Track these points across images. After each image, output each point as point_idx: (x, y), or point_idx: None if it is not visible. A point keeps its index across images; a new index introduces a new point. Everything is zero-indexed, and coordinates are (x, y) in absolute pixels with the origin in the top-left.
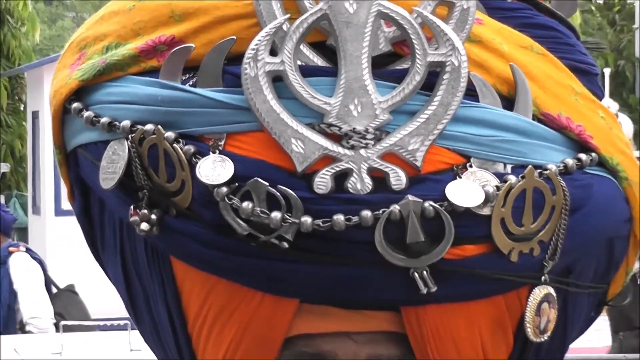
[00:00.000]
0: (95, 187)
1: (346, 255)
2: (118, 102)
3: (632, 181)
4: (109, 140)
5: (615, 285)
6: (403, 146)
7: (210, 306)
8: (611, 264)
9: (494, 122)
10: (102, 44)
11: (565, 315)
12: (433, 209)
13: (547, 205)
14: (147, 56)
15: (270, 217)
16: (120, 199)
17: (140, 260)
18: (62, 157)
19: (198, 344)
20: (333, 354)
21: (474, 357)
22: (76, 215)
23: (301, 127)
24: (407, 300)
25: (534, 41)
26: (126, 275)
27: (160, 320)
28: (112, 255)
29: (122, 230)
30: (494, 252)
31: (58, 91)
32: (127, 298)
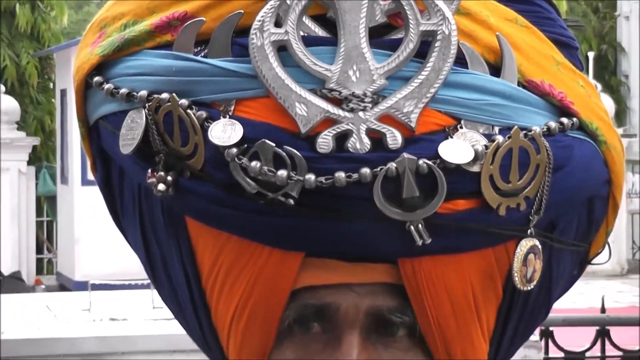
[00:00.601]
0: (115, 155)
1: (347, 210)
2: (135, 74)
3: (611, 145)
4: (127, 110)
5: (596, 245)
6: (398, 109)
7: (222, 262)
8: (592, 223)
9: (482, 87)
10: (120, 22)
11: (550, 271)
12: (427, 166)
13: (532, 163)
14: (161, 31)
15: (277, 175)
16: (138, 164)
17: (157, 222)
18: (84, 130)
19: (211, 298)
20: (336, 305)
21: (466, 307)
22: (98, 185)
23: (304, 92)
24: (404, 252)
25: (518, 14)
26: (144, 239)
27: (177, 278)
28: (131, 220)
29: (140, 195)
30: (484, 207)
31: (80, 67)
32: (145, 260)
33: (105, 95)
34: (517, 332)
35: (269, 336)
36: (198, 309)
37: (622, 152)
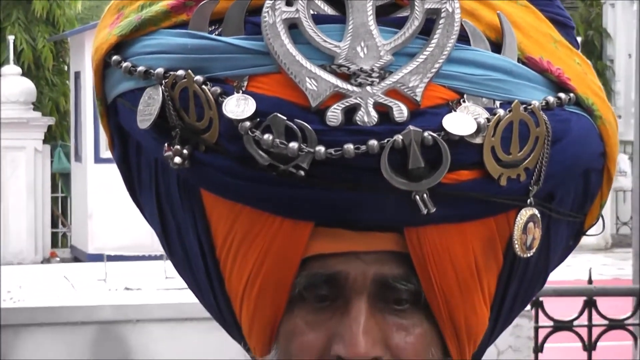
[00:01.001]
0: (133, 131)
1: (355, 181)
2: (152, 52)
3: (606, 120)
4: (144, 87)
5: (591, 217)
6: (404, 83)
7: (236, 232)
8: (587, 194)
9: (484, 63)
10: (137, 3)
11: (547, 241)
12: (432, 138)
13: (532, 135)
14: (177, 11)
15: (288, 147)
16: (155, 138)
17: (173, 195)
18: (103, 108)
19: (225, 267)
20: (345, 273)
21: (469, 275)
22: (115, 161)
23: (314, 68)
24: (409, 221)
25: None
26: (160, 211)
27: (191, 249)
28: (147, 194)
29: (156, 169)
30: (486, 177)
31: (99, 47)
32: (160, 232)
33: (124, 73)
34: (517, 299)
35: (280, 303)
36: (212, 278)
37: (616, 127)
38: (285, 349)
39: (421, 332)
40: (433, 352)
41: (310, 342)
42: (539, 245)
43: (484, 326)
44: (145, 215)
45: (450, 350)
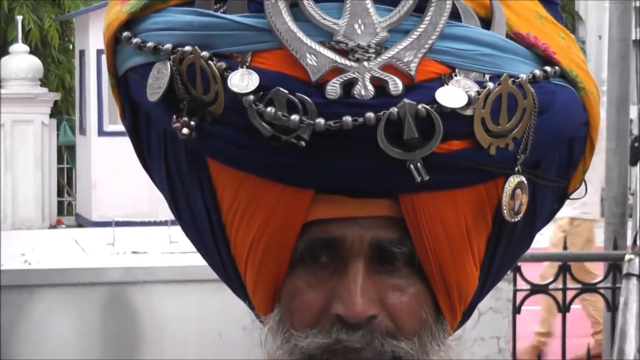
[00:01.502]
0: (142, 103)
1: (353, 151)
2: (161, 29)
3: (589, 91)
4: (154, 62)
5: (574, 182)
6: (399, 58)
7: (241, 198)
8: (571, 161)
9: (474, 39)
10: None
11: (533, 205)
12: (425, 110)
13: (520, 107)
14: None
15: (290, 119)
16: (164, 110)
17: (181, 164)
18: (114, 81)
19: (231, 231)
20: (343, 237)
21: (460, 238)
22: (126, 130)
23: (314, 44)
24: (404, 188)
25: None
26: (169, 178)
27: (199, 214)
28: (157, 162)
29: (165, 139)
30: (476, 147)
31: (110, 24)
32: (169, 197)
33: (134, 49)
34: (504, 260)
35: (282, 265)
36: (218, 241)
37: (598, 97)
38: (287, 307)
39: (415, 292)
40: (426, 311)
41: (311, 301)
42: (526, 209)
43: (474, 286)
44: (154, 181)
45: (443, 308)
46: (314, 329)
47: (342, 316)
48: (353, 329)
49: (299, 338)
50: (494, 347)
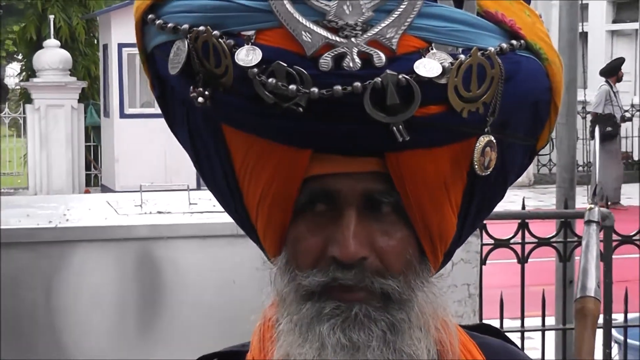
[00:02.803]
0: (166, 77)
1: (344, 115)
2: (179, 12)
3: (551, 61)
4: (174, 40)
5: (541, 140)
6: (382, 35)
7: (250, 157)
8: (537, 122)
9: (448, 17)
10: None
11: (504, 161)
12: (405, 79)
13: (488, 76)
14: None
15: (289, 89)
16: (183, 82)
17: (200, 128)
18: (143, 57)
19: (243, 186)
20: (338, 189)
21: (438, 189)
22: (155, 99)
23: (309, 23)
24: (389, 147)
25: None
26: (191, 140)
27: (216, 171)
28: (181, 127)
29: (187, 107)
30: (450, 111)
31: (138, 7)
32: (193, 155)
33: (157, 29)
34: (481, 209)
35: (287, 215)
36: (234, 194)
37: (560, 66)
38: (292, 251)
39: (401, 236)
40: (410, 253)
41: (311, 245)
42: (497, 165)
43: (453, 231)
44: (180, 142)
45: (426, 250)
46: (314, 269)
47: (337, 257)
48: (347, 268)
49: (301, 277)
50: (464, 292)
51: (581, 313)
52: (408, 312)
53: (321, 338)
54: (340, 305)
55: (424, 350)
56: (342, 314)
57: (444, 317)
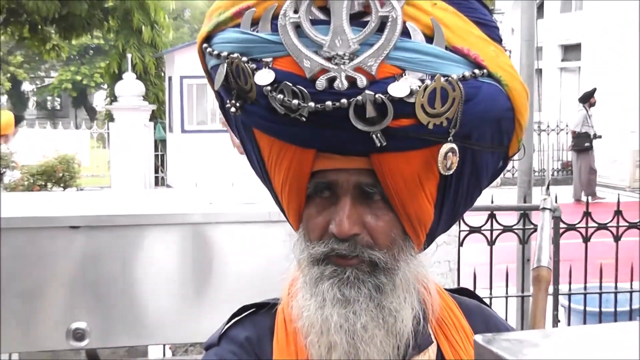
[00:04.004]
0: (218, 91)
1: (335, 124)
2: (222, 42)
3: (512, 87)
4: (219, 64)
5: (512, 148)
6: (365, 63)
7: (272, 154)
8: (502, 134)
9: (419, 50)
10: (218, 11)
11: (474, 163)
12: (380, 98)
13: (450, 97)
14: (237, 17)
15: (292, 102)
16: (224, 95)
17: (240, 129)
18: (207, 76)
19: (271, 175)
20: (336, 181)
21: (414, 184)
22: (219, 107)
23: (309, 53)
24: (372, 150)
25: (447, 4)
26: (239, 137)
27: (255, 164)
28: (233, 129)
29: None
30: (418, 123)
31: (200, 37)
32: (243, 148)
33: (208, 55)
34: (457, 201)
35: (301, 199)
36: (267, 183)
37: (523, 91)
38: (305, 227)
39: (387, 219)
40: (395, 232)
41: (318, 223)
42: (469, 167)
43: (430, 217)
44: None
45: (408, 231)
46: (319, 242)
47: (335, 233)
48: (342, 241)
49: (311, 248)
50: (446, 267)
51: (537, 279)
52: (392, 278)
53: (323, 293)
54: (337, 269)
55: (408, 307)
56: (338, 275)
57: (426, 283)
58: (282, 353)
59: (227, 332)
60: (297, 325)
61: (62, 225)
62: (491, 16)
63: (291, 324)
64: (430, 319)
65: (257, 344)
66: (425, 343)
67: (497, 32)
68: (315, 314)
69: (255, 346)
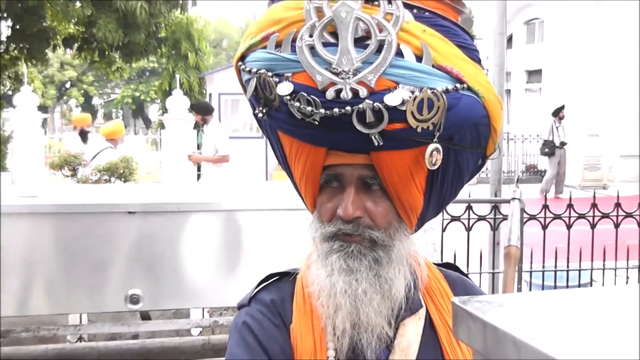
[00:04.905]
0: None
1: (341, 127)
2: (253, 60)
3: (487, 98)
4: (250, 78)
5: (489, 149)
6: (365, 78)
7: (292, 151)
8: (480, 137)
9: (410, 67)
10: (250, 35)
11: (457, 160)
12: (378, 106)
13: (435, 106)
14: (264, 40)
15: (306, 109)
16: (255, 104)
17: (269, 132)
18: (243, 89)
19: (292, 168)
20: (343, 173)
21: (405, 176)
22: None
23: (321, 69)
24: (371, 148)
25: (435, 30)
26: (267, 138)
27: (280, 160)
28: (264, 131)
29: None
30: (409, 127)
31: (236, 57)
32: (271, 147)
33: (243, 71)
34: (443, 192)
35: (315, 188)
36: (289, 173)
37: (497, 102)
38: (318, 210)
39: (384, 205)
40: (391, 216)
41: (328, 208)
42: (453, 164)
43: (420, 204)
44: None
45: (402, 215)
46: (329, 223)
47: (341, 216)
48: (347, 223)
49: (322, 228)
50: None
51: (507, 255)
52: (388, 253)
53: (331, 264)
54: (343, 244)
55: (402, 277)
56: (344, 250)
57: (417, 258)
58: (300, 313)
59: (256, 295)
60: (311, 290)
61: (122, 211)
62: (472, 41)
63: (307, 289)
64: (421, 288)
65: (280, 305)
66: (416, 307)
67: (477, 54)
68: (324, 280)
69: (278, 307)
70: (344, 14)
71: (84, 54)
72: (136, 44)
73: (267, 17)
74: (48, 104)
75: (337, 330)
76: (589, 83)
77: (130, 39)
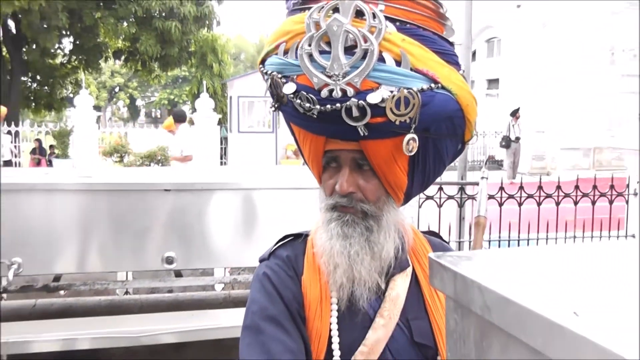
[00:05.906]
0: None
1: (333, 120)
2: (268, 65)
3: (461, 96)
4: (268, 79)
5: (467, 136)
6: (352, 79)
7: (300, 138)
8: (456, 127)
9: (390, 71)
10: (268, 44)
11: (438, 148)
12: (362, 103)
13: (411, 103)
14: (276, 48)
15: (305, 105)
16: (272, 99)
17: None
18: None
19: (302, 152)
20: (339, 156)
21: (389, 160)
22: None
23: (317, 73)
24: (360, 138)
25: (414, 40)
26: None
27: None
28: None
29: None
30: (389, 121)
31: (258, 60)
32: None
33: (262, 74)
34: (425, 174)
35: (319, 168)
36: (302, 155)
37: (470, 98)
38: (323, 186)
39: (374, 182)
40: (380, 192)
41: (329, 184)
42: (432, 149)
43: (404, 183)
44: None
45: (389, 192)
46: (330, 197)
47: (338, 191)
48: (343, 197)
49: (325, 200)
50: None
51: (477, 224)
52: (378, 222)
53: (331, 230)
54: (340, 214)
55: (390, 241)
56: (340, 218)
57: (404, 225)
58: (310, 268)
59: (275, 251)
60: (315, 250)
61: (159, 189)
62: (450, 46)
63: (314, 249)
64: (408, 250)
65: (294, 260)
66: (404, 266)
67: (455, 57)
68: (326, 243)
69: (293, 262)
70: (335, 27)
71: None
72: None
73: (280, 29)
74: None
75: (336, 284)
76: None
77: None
